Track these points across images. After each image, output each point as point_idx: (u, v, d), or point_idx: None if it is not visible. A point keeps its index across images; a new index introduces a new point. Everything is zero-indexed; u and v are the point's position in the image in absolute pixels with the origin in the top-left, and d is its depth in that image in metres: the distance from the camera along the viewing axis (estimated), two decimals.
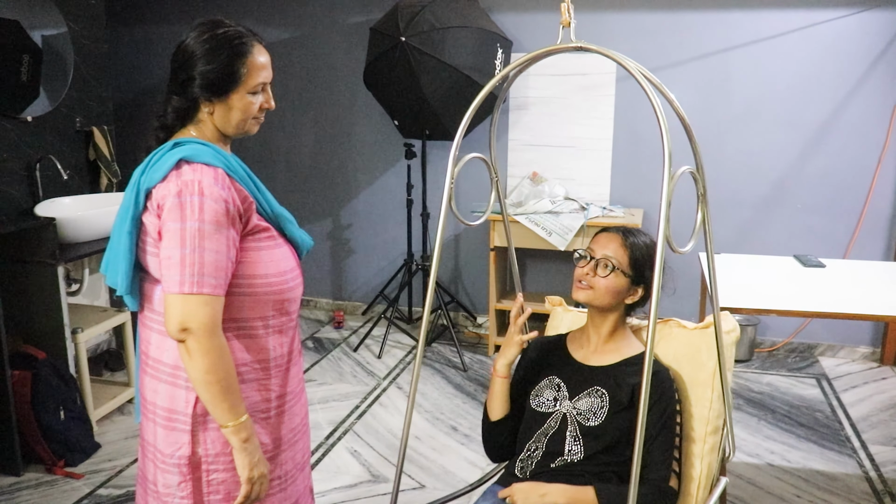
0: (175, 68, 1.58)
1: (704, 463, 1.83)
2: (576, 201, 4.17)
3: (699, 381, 1.87)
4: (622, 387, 1.78)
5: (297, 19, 4.63)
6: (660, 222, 1.38)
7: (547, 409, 1.85)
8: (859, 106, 3.93)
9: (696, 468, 1.83)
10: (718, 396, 1.84)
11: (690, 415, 1.87)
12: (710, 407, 1.85)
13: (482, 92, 1.72)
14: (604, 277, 1.81)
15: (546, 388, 1.88)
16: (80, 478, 2.96)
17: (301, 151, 4.86)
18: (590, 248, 1.87)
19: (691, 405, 1.87)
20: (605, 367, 1.85)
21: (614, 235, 1.86)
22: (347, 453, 3.18)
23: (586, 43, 1.60)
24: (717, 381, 1.84)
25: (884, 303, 2.48)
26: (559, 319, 2.21)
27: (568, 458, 1.77)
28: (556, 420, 1.82)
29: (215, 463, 1.58)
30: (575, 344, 1.95)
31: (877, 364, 4.15)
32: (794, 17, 3.92)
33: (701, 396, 1.86)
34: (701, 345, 1.89)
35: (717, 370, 1.83)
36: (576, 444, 1.78)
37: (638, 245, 1.84)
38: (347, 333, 4.64)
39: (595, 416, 1.77)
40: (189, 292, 1.44)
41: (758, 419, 3.47)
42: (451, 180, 1.67)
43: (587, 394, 1.81)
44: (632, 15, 4.12)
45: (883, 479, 2.98)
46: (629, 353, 1.86)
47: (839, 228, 4.08)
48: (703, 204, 1.60)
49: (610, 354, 1.86)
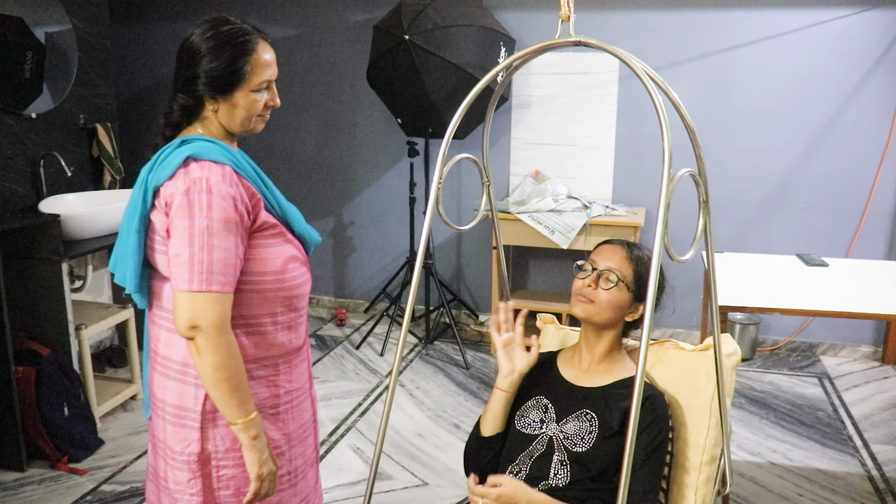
0: (180, 66, 1.58)
1: (699, 495, 1.71)
2: (578, 200, 4.18)
3: (696, 407, 1.76)
4: (612, 410, 1.67)
5: (301, 17, 4.63)
6: (657, 227, 1.30)
7: (532, 431, 1.74)
8: (861, 105, 3.93)
9: (690, 500, 1.72)
10: (716, 424, 1.72)
11: (686, 442, 1.76)
12: (707, 434, 1.73)
13: (477, 86, 1.64)
14: (606, 290, 1.71)
15: (532, 409, 1.77)
16: (84, 474, 2.97)
17: (304, 149, 4.86)
18: (591, 260, 1.76)
19: (687, 432, 1.76)
20: (595, 388, 1.74)
21: (618, 248, 1.76)
22: (350, 451, 3.18)
23: (585, 37, 1.55)
24: (715, 407, 1.72)
25: (887, 302, 2.49)
26: (550, 338, 2.10)
27: (552, 482, 1.67)
28: (542, 443, 1.71)
29: (225, 459, 1.59)
30: (566, 362, 1.84)
31: (878, 363, 4.15)
32: (796, 16, 3.92)
33: (697, 423, 1.75)
34: (699, 368, 1.77)
35: (715, 395, 1.72)
36: (562, 468, 1.67)
37: (643, 259, 1.75)
38: (350, 331, 4.64)
39: (583, 442, 1.67)
40: (198, 290, 1.44)
41: (760, 418, 3.47)
42: (438, 182, 1.59)
43: (575, 417, 1.71)
44: (634, 13, 4.12)
45: (885, 478, 2.98)
46: (622, 374, 1.75)
47: (841, 228, 4.08)
48: (706, 210, 1.52)
49: (602, 375, 1.75)
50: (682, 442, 1.76)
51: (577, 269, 1.78)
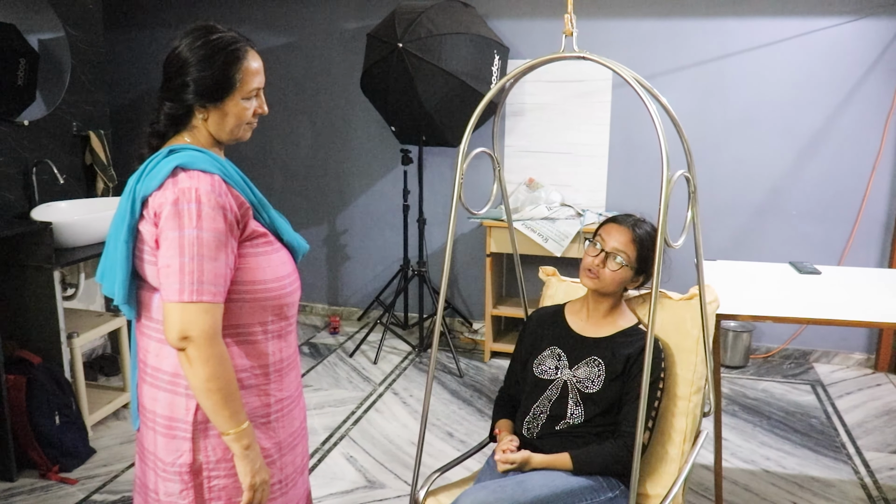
0: (168, 75, 1.58)
1: (689, 418, 2.05)
2: (572, 207, 4.18)
3: (684, 348, 2.08)
4: (617, 357, 1.96)
5: (294, 25, 4.63)
6: (659, 222, 1.54)
7: (549, 377, 2.02)
8: (854, 113, 3.95)
9: (682, 422, 2.06)
10: (701, 360, 2.05)
11: (677, 376, 2.07)
12: (695, 370, 2.06)
13: (486, 97, 1.80)
14: (613, 271, 1.96)
15: (548, 358, 2.05)
16: (75, 483, 2.95)
17: (297, 157, 4.86)
18: (600, 237, 2.00)
19: (678, 369, 2.08)
20: (601, 338, 2.02)
21: (625, 229, 1.98)
22: (343, 459, 3.17)
23: (588, 52, 1.67)
24: (700, 347, 2.06)
25: (879, 309, 2.49)
26: (555, 289, 2.39)
27: (571, 420, 1.97)
28: (557, 387, 2.01)
29: (216, 469, 1.58)
30: (573, 315, 2.11)
31: (871, 370, 4.16)
32: (789, 24, 3.94)
33: (686, 361, 2.07)
34: (685, 315, 2.09)
35: (699, 338, 2.05)
36: (577, 408, 1.97)
37: (645, 239, 1.98)
38: (343, 339, 4.63)
39: (593, 384, 1.97)
40: (189, 300, 1.43)
41: (753, 425, 3.47)
42: (460, 176, 1.82)
43: (585, 363, 1.99)
44: (630, 22, 4.13)
45: (878, 485, 2.98)
46: (623, 324, 2.04)
47: (834, 235, 4.10)
48: (694, 201, 1.76)
49: (606, 327, 2.04)
50: (673, 377, 2.08)
51: (587, 243, 2.05)
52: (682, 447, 2.05)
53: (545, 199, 4.19)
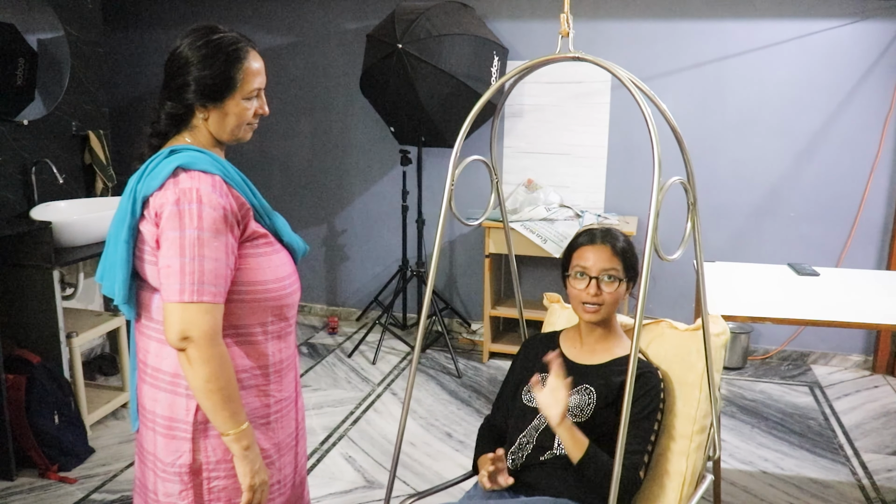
0: (169, 74, 1.58)
1: (690, 460, 1.89)
2: (571, 209, 4.19)
3: (688, 382, 1.93)
4: (610, 385, 1.85)
5: (294, 26, 4.63)
6: (648, 229, 1.42)
7: (537, 405, 1.88)
8: (852, 115, 3.96)
9: (682, 465, 1.89)
10: (706, 397, 1.89)
11: (678, 414, 1.92)
12: (698, 407, 1.90)
13: (482, 99, 1.75)
14: (611, 293, 1.87)
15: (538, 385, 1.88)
16: (74, 482, 2.95)
17: (297, 158, 4.86)
18: (581, 266, 1.89)
19: (679, 405, 1.92)
20: (595, 365, 1.91)
21: (602, 247, 1.89)
22: (342, 459, 3.17)
23: (584, 53, 1.64)
24: (705, 381, 1.89)
25: (877, 311, 2.50)
26: (556, 316, 2.27)
27: (557, 451, 1.83)
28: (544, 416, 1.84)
29: (216, 470, 1.58)
30: (568, 342, 2.00)
31: (869, 372, 4.17)
32: (788, 27, 3.95)
33: (689, 396, 1.92)
34: (691, 346, 1.95)
35: (705, 372, 1.88)
36: None
37: (625, 248, 1.90)
38: (342, 339, 4.63)
39: (582, 412, 1.83)
40: (189, 301, 1.44)
41: (751, 427, 3.48)
42: (451, 183, 1.74)
43: (576, 392, 1.86)
44: (628, 23, 4.14)
45: (876, 486, 2.99)
46: (620, 352, 1.92)
47: (832, 237, 4.11)
48: (694, 213, 1.65)
49: (601, 354, 1.92)
50: (674, 414, 1.92)
51: (572, 279, 1.91)
52: (680, 491, 1.87)
53: (544, 200, 4.19)
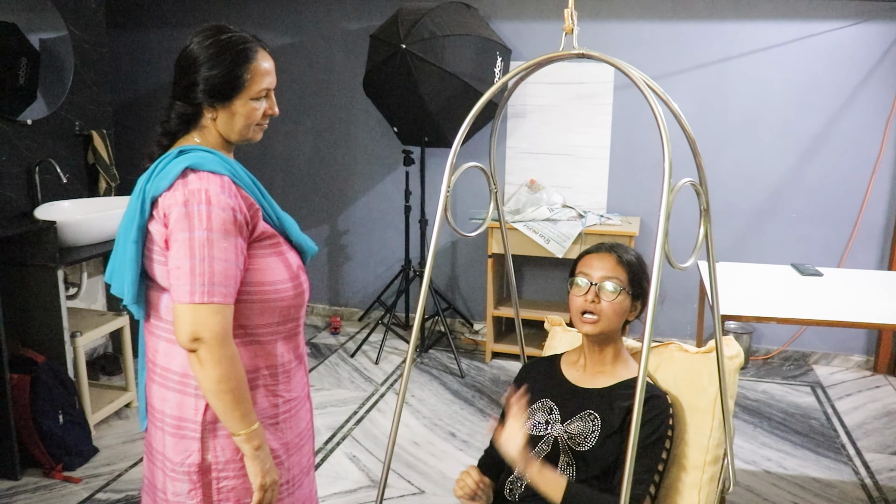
0: (178, 74, 1.58)
1: (703, 493, 1.75)
2: (573, 209, 4.19)
3: (699, 408, 1.79)
4: (615, 410, 1.71)
5: (296, 26, 4.64)
6: (658, 236, 1.32)
7: (538, 432, 1.78)
8: (854, 116, 3.97)
9: (691, 498, 1.76)
10: (719, 424, 1.75)
11: (688, 442, 1.79)
12: (710, 435, 1.77)
13: (482, 98, 1.70)
14: (610, 302, 1.73)
15: (538, 411, 1.81)
16: (79, 482, 2.95)
17: (299, 158, 4.87)
18: (583, 273, 1.78)
19: (690, 432, 1.79)
20: (598, 389, 1.78)
21: (607, 255, 1.78)
22: (346, 459, 3.18)
23: (588, 49, 1.60)
24: (718, 408, 1.75)
25: (879, 311, 2.51)
26: (558, 339, 2.14)
27: None
28: (547, 444, 1.76)
29: (225, 470, 1.58)
30: (570, 365, 1.88)
31: (870, 372, 4.18)
32: (790, 28, 3.96)
33: (700, 424, 1.78)
34: (702, 370, 1.81)
35: (718, 397, 1.75)
36: (569, 468, 1.72)
37: (632, 261, 1.78)
38: (344, 339, 4.64)
39: (586, 441, 1.71)
40: (200, 302, 1.44)
41: (754, 426, 3.49)
42: (447, 189, 1.64)
43: (579, 417, 1.75)
44: (630, 24, 4.15)
45: (878, 486, 3.00)
46: (624, 375, 1.79)
47: (834, 238, 4.12)
48: (706, 219, 1.55)
49: (605, 377, 1.80)
50: (685, 442, 1.79)
51: (570, 285, 1.80)
52: None
53: (547, 200, 4.20)
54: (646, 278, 1.78)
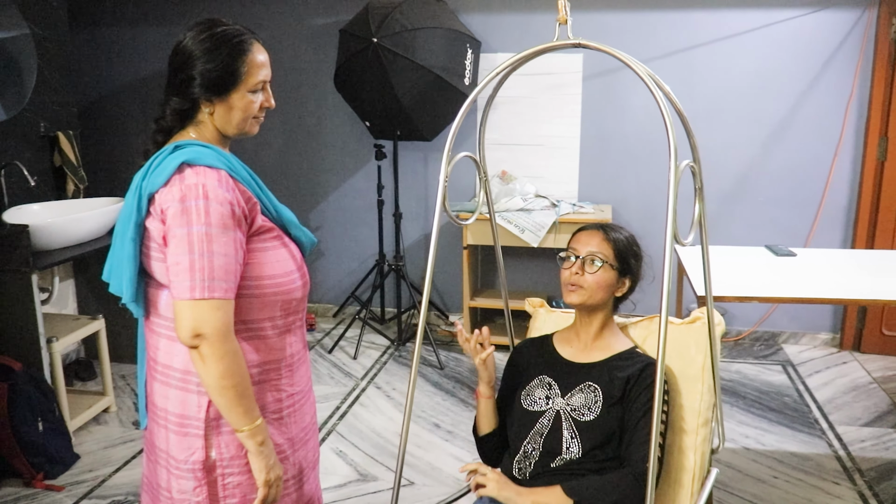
0: (174, 69, 1.57)
1: (698, 454, 1.86)
2: (546, 199, 4.24)
3: (689, 376, 1.90)
4: (615, 380, 1.79)
5: (263, 22, 4.59)
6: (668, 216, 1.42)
7: (539, 408, 1.84)
8: (816, 101, 4.08)
9: (691, 459, 1.86)
10: (709, 388, 1.88)
11: (682, 407, 1.89)
12: (701, 399, 1.88)
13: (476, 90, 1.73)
14: (593, 274, 1.82)
15: (537, 388, 1.87)
16: (62, 490, 2.90)
17: (268, 154, 4.82)
18: (572, 248, 1.88)
19: (682, 398, 1.90)
20: (596, 363, 1.85)
21: (594, 232, 1.88)
22: (333, 454, 3.17)
23: (584, 40, 1.65)
24: (707, 374, 1.88)
25: (853, 288, 2.60)
26: (542, 321, 2.20)
27: (567, 456, 1.77)
28: (549, 418, 1.82)
29: (230, 466, 1.57)
30: (563, 343, 1.95)
31: (837, 349, 4.31)
32: (753, 16, 4.05)
33: (692, 390, 1.89)
34: (689, 340, 1.93)
35: (706, 364, 1.89)
36: (573, 440, 1.77)
37: (619, 238, 1.87)
38: (320, 335, 4.62)
39: (590, 411, 1.78)
40: (200, 297, 1.43)
41: (730, 405, 3.58)
42: (444, 179, 1.70)
43: (580, 390, 1.81)
44: (596, 14, 4.20)
45: (851, 457, 3.11)
46: (619, 348, 1.87)
47: (800, 219, 4.23)
48: (700, 198, 1.64)
49: (599, 351, 1.87)
50: (678, 408, 1.90)
51: (560, 261, 1.89)
52: (690, 487, 1.85)
53: (520, 190, 4.23)
54: (633, 256, 1.88)
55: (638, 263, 1.90)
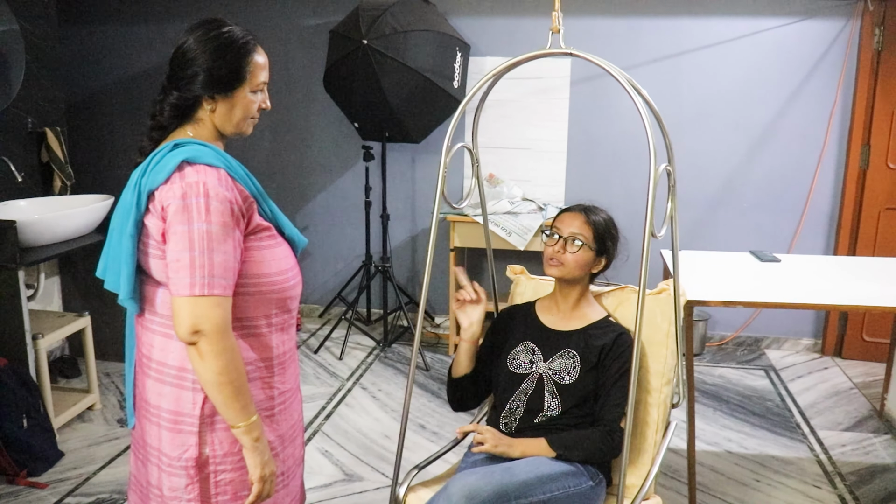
0: (177, 66, 1.58)
1: (659, 410, 2.12)
2: (533, 202, 4.26)
3: (655, 341, 2.14)
4: (591, 348, 2.02)
5: (252, 22, 4.58)
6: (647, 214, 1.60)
7: (524, 371, 2.06)
8: (801, 108, 4.14)
9: (652, 415, 2.12)
10: (672, 353, 2.11)
11: (647, 370, 2.14)
12: (665, 363, 2.12)
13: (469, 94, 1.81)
14: (573, 254, 2.03)
15: (522, 353, 2.08)
16: (45, 487, 2.88)
17: (257, 155, 4.81)
18: (556, 227, 2.08)
19: (649, 361, 2.14)
20: (574, 331, 2.08)
21: (577, 214, 2.07)
22: (319, 454, 3.18)
23: (575, 49, 1.71)
24: (671, 340, 2.10)
25: (835, 293, 2.64)
26: (523, 287, 2.42)
27: (548, 413, 2.00)
28: (532, 380, 2.04)
29: (223, 463, 1.58)
30: (544, 311, 2.16)
31: (818, 355, 4.36)
32: (739, 24, 4.10)
33: (657, 354, 2.13)
34: (656, 309, 2.14)
35: (670, 331, 2.10)
36: (554, 400, 2.00)
37: (599, 221, 2.07)
38: (306, 336, 4.62)
39: (569, 375, 2.00)
40: (200, 294, 1.44)
41: (713, 409, 3.61)
42: (443, 170, 1.87)
43: (560, 356, 2.04)
44: (585, 20, 4.23)
45: (832, 461, 3.15)
46: (594, 317, 2.10)
47: (783, 225, 4.28)
48: (673, 194, 1.85)
49: (577, 320, 2.09)
50: (645, 369, 2.15)
51: (545, 237, 2.09)
52: (654, 438, 2.11)
53: (507, 193, 4.26)
54: (610, 238, 2.08)
55: (614, 245, 2.10)
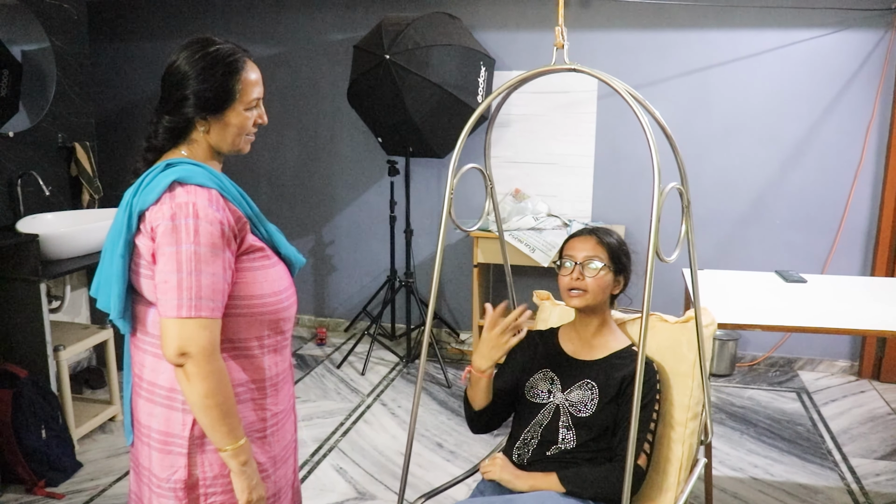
0: (167, 89, 1.57)
1: (685, 446, 1.99)
2: (559, 218, 4.20)
3: (680, 372, 2.02)
4: (611, 379, 1.91)
5: (280, 37, 4.64)
6: (650, 235, 1.49)
7: (541, 401, 1.97)
8: (835, 123, 4.01)
9: (678, 451, 1.99)
10: (699, 385, 2.00)
11: (672, 402, 2.02)
12: (691, 395, 2.00)
13: (476, 111, 1.77)
14: (593, 278, 1.92)
15: (541, 381, 1.99)
16: (62, 498, 2.91)
17: (284, 169, 4.85)
18: (568, 255, 1.97)
19: (674, 394, 2.02)
20: (594, 361, 1.97)
21: (587, 237, 1.98)
22: (333, 470, 3.16)
23: (579, 65, 1.67)
24: (696, 370, 2.00)
25: (863, 317, 2.53)
26: (548, 313, 2.33)
27: (562, 445, 1.91)
28: (549, 411, 1.95)
29: (213, 486, 1.57)
30: (565, 339, 2.06)
31: (855, 377, 4.21)
32: (771, 36, 4.00)
33: (682, 386, 2.02)
34: (682, 338, 2.04)
35: (696, 362, 2.00)
36: (569, 433, 1.91)
37: (611, 241, 1.97)
38: (330, 350, 4.62)
39: (586, 408, 1.90)
40: (187, 316, 1.43)
41: (740, 433, 3.50)
42: (450, 192, 1.77)
43: (578, 386, 1.94)
44: (613, 33, 4.17)
45: (864, 491, 3.02)
46: (616, 346, 1.98)
47: (817, 244, 4.15)
48: (688, 216, 1.72)
49: (599, 349, 1.98)
50: (668, 402, 2.03)
51: (558, 268, 1.99)
52: (678, 476, 1.98)
53: (532, 209, 4.21)
54: (625, 255, 1.98)
55: (629, 262, 2.00)
